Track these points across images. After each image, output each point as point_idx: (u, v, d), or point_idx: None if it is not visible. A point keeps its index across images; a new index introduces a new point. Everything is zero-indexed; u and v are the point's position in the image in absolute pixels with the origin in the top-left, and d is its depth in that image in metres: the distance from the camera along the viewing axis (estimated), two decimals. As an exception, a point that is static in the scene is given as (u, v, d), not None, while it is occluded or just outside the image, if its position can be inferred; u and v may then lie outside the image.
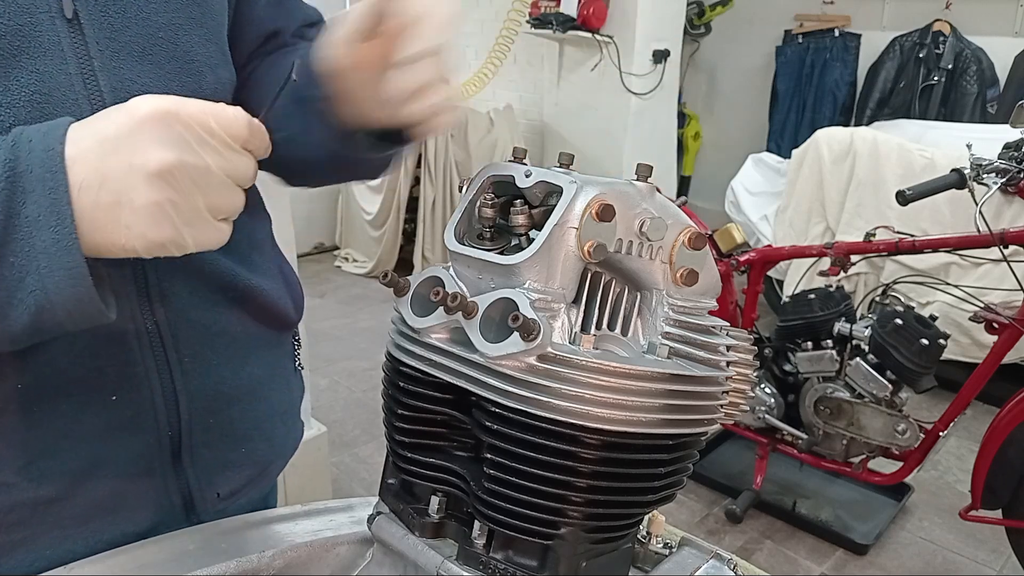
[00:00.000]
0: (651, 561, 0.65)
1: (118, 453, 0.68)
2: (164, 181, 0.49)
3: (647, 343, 0.55)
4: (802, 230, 3.68)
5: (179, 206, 0.49)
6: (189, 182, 0.49)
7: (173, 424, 0.71)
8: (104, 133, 0.50)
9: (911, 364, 2.20)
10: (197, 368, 0.71)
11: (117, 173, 0.49)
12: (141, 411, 0.68)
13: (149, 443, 0.70)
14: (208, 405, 0.73)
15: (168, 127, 0.49)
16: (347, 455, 2.90)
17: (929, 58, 4.55)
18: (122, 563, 0.64)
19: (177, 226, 0.50)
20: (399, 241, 4.60)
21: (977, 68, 4.40)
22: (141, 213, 0.49)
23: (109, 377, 0.66)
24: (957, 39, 4.47)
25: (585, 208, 0.50)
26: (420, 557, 0.57)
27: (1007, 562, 2.39)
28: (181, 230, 0.50)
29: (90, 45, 0.61)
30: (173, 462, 0.72)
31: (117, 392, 0.67)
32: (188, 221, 0.50)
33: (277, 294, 0.81)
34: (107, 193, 0.49)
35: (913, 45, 4.63)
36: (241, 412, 0.77)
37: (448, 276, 0.55)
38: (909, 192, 2.08)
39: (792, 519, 2.58)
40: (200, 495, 0.75)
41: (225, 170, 0.51)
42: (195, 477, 0.74)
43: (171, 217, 0.49)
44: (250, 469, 0.80)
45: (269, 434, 0.82)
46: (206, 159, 0.50)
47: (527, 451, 0.50)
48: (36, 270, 0.49)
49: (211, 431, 0.74)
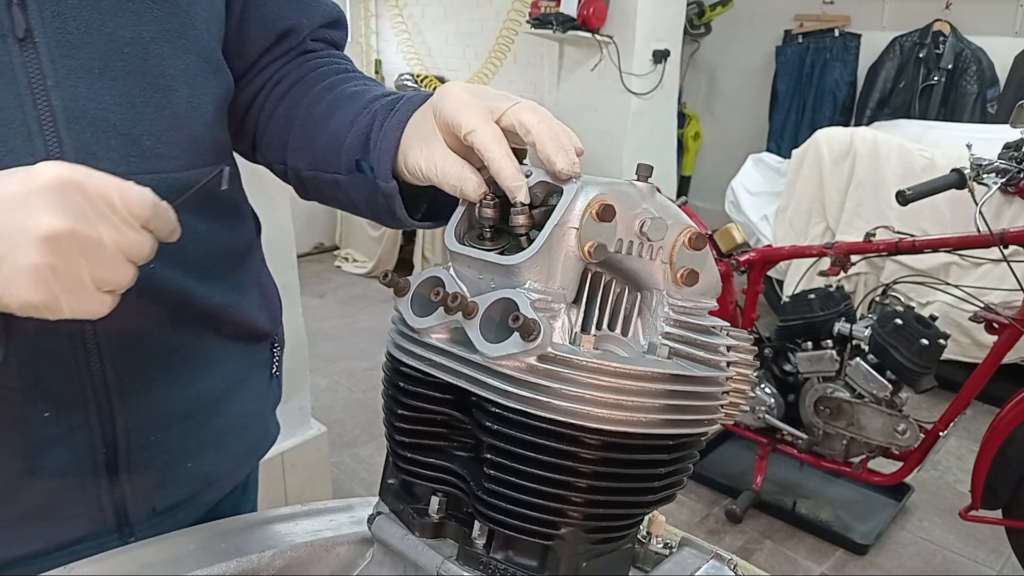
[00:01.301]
0: (651, 561, 0.65)
1: (50, 465, 0.68)
2: (51, 246, 0.49)
3: (647, 343, 0.55)
4: (802, 230, 3.68)
5: (61, 273, 0.50)
6: (76, 251, 0.50)
7: (108, 442, 0.70)
8: (4, 191, 0.50)
9: (911, 364, 2.20)
10: (139, 387, 0.71)
11: (7, 231, 0.49)
12: (74, 428, 0.68)
13: (82, 458, 0.69)
14: (149, 424, 0.72)
15: (67, 195, 0.49)
16: (347, 455, 2.90)
17: (929, 58, 4.55)
18: (122, 563, 0.64)
19: (54, 292, 0.50)
20: (399, 241, 4.60)
21: (977, 68, 4.40)
22: (22, 273, 0.49)
23: (45, 392, 0.66)
24: (957, 39, 4.47)
25: (585, 208, 0.50)
26: (420, 557, 0.57)
27: (1007, 562, 2.39)
28: (58, 296, 0.50)
29: (43, 64, 0.60)
30: (108, 476, 0.71)
31: (51, 409, 0.67)
32: (68, 288, 0.50)
33: (247, 307, 0.80)
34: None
35: (913, 45, 4.63)
36: (189, 429, 0.76)
37: (448, 276, 0.55)
38: (909, 192, 2.08)
39: (792, 519, 2.58)
40: (135, 509, 0.74)
41: (119, 245, 0.51)
42: (131, 492, 0.73)
43: (49, 282, 0.49)
44: (194, 485, 0.79)
45: (222, 448, 0.81)
46: (100, 232, 0.50)
47: (527, 451, 0.50)
48: None
49: (151, 448, 0.73)
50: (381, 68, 5.89)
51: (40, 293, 0.50)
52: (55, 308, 0.51)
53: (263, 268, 0.86)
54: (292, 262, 2.23)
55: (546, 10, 4.20)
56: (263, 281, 0.85)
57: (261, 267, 0.86)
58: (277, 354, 0.89)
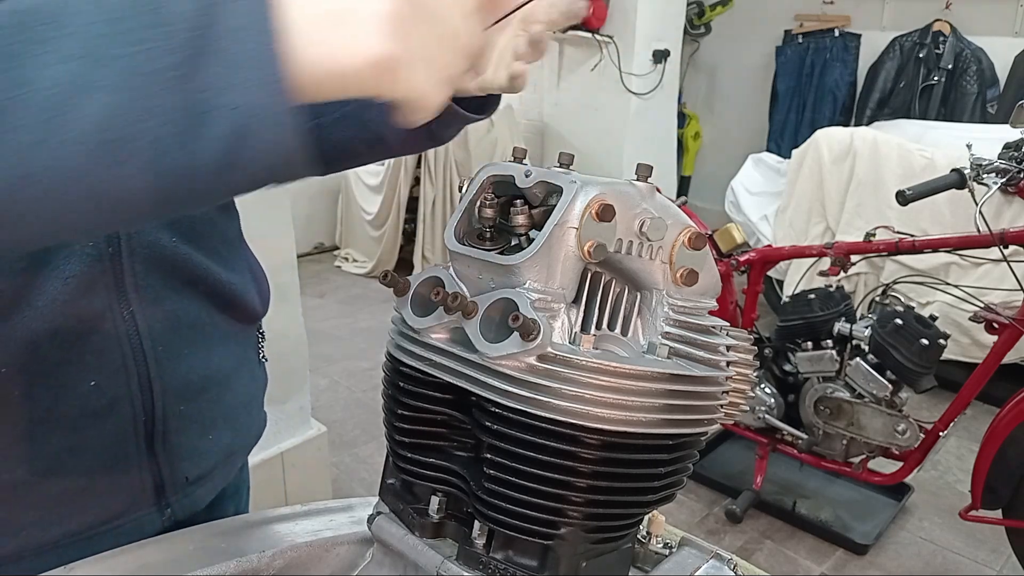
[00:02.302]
0: (651, 561, 0.65)
1: (94, 438, 0.69)
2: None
3: (647, 343, 0.55)
4: (802, 230, 3.68)
5: (418, 27, 0.43)
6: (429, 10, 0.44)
7: (147, 411, 0.71)
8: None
9: (911, 364, 2.20)
10: (170, 357, 0.72)
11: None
12: (117, 398, 0.69)
13: (124, 429, 0.70)
14: (179, 393, 0.74)
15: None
16: (347, 455, 2.90)
17: (929, 58, 4.55)
18: (122, 563, 0.64)
19: (411, 47, 0.43)
20: (399, 241, 4.60)
21: (977, 68, 4.41)
22: (375, 20, 0.42)
23: (88, 364, 0.67)
24: (957, 39, 4.47)
25: (585, 208, 0.50)
26: (420, 557, 0.57)
27: (1007, 562, 2.39)
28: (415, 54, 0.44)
29: None
30: (147, 447, 0.73)
31: (96, 378, 0.67)
32: (421, 53, 0.44)
33: (244, 288, 0.82)
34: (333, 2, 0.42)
35: (913, 45, 4.63)
36: (209, 401, 0.78)
37: (448, 276, 0.55)
38: (909, 192, 2.08)
39: (792, 519, 2.58)
40: (171, 479, 0.76)
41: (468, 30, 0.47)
42: (166, 463, 0.75)
43: (408, 33, 0.43)
44: (216, 456, 0.81)
45: (234, 423, 0.84)
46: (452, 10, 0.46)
47: (527, 451, 0.50)
48: (239, 84, 0.40)
49: (182, 418, 0.75)
50: (381, 68, 5.88)
51: (395, 42, 0.42)
52: (405, 71, 0.44)
53: (251, 255, 0.89)
54: (292, 262, 2.23)
55: (546, 10, 4.20)
56: (253, 265, 0.87)
57: (249, 253, 0.88)
58: (262, 341, 0.91)
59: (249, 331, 0.87)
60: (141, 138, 0.39)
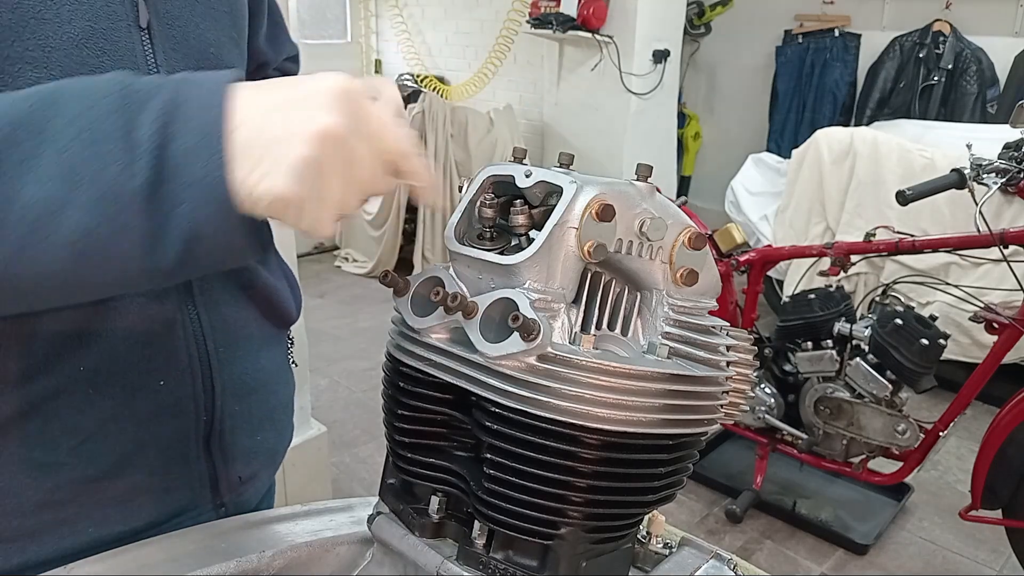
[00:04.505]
0: (651, 561, 0.65)
1: (160, 437, 0.71)
2: (324, 144, 0.47)
3: (647, 343, 0.55)
4: (802, 230, 3.68)
5: (322, 175, 0.48)
6: (340, 161, 0.48)
7: (208, 410, 0.74)
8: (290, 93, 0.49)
9: (911, 364, 2.20)
10: (228, 359, 0.76)
11: (285, 122, 0.47)
12: (183, 398, 0.72)
13: (187, 428, 0.73)
14: (235, 394, 0.77)
15: (350, 104, 0.48)
16: (347, 455, 2.90)
17: (929, 58, 4.55)
18: (122, 563, 0.64)
19: (308, 193, 0.48)
20: (399, 241, 4.60)
21: (977, 68, 4.40)
22: (286, 165, 0.47)
23: (158, 364, 0.70)
24: (957, 39, 4.46)
25: (585, 208, 0.50)
26: (420, 557, 0.57)
27: (1007, 562, 2.39)
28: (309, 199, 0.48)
29: (158, 53, 0.66)
30: (206, 445, 0.76)
31: (165, 378, 0.70)
32: (318, 195, 0.48)
33: (284, 293, 0.85)
34: (263, 138, 0.47)
35: (913, 45, 4.63)
36: (258, 402, 0.81)
37: (448, 276, 0.55)
38: (909, 192, 2.08)
39: (792, 519, 2.58)
40: (225, 478, 0.78)
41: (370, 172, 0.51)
42: (221, 461, 0.77)
43: (310, 181, 0.47)
44: (263, 456, 0.84)
45: (277, 424, 0.86)
46: (363, 151, 0.49)
47: (527, 451, 0.50)
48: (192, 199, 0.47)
49: (236, 418, 0.78)
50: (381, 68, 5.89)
51: (297, 188, 0.47)
52: (301, 210, 0.48)
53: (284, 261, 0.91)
54: (292, 262, 2.23)
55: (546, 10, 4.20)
56: (287, 271, 0.90)
57: (282, 259, 0.91)
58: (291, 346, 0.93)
59: (283, 336, 0.89)
60: (111, 250, 0.47)
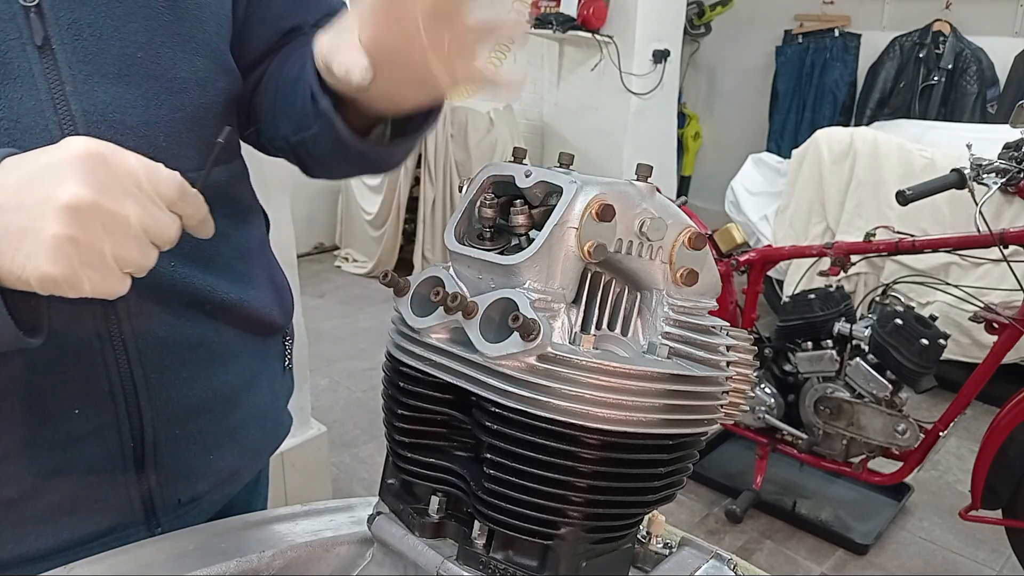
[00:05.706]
0: (651, 561, 0.64)
1: (79, 460, 0.69)
2: (73, 217, 0.48)
3: (647, 343, 0.55)
4: (802, 230, 3.68)
5: (82, 246, 0.48)
6: (99, 225, 0.49)
7: (136, 436, 0.71)
8: (33, 164, 0.49)
9: (911, 364, 2.20)
10: (164, 382, 0.72)
11: (32, 201, 0.48)
12: (103, 425, 0.69)
13: (111, 453, 0.70)
14: (174, 417, 0.74)
15: (93, 168, 0.49)
16: (347, 455, 2.90)
17: (929, 58, 4.55)
18: (122, 563, 0.64)
19: (74, 265, 0.48)
20: (399, 241, 4.60)
21: (977, 68, 4.40)
22: (43, 245, 0.48)
23: (72, 391, 0.67)
24: (957, 39, 4.46)
25: (585, 208, 0.50)
26: (420, 557, 0.57)
27: (1007, 562, 2.39)
28: (78, 270, 0.49)
29: (62, 70, 0.61)
30: (136, 469, 0.73)
31: (80, 406, 0.67)
32: (88, 263, 0.49)
33: (262, 302, 0.81)
34: (18, 219, 0.48)
35: (913, 45, 4.62)
36: (211, 421, 0.78)
37: (448, 276, 0.55)
38: (909, 192, 2.08)
39: (792, 519, 2.58)
40: (161, 501, 0.75)
41: (143, 224, 0.51)
42: (157, 484, 0.74)
43: (70, 255, 0.48)
44: (217, 476, 0.81)
45: (242, 439, 0.82)
46: (124, 208, 0.50)
47: (527, 451, 0.50)
48: None
49: (177, 441, 0.74)
50: (381, 68, 5.87)
51: (60, 266, 0.48)
52: (75, 283, 0.49)
53: (274, 263, 0.88)
54: (292, 262, 2.23)
55: (546, 10, 4.20)
56: (275, 276, 0.86)
57: (272, 262, 0.87)
58: (289, 347, 0.90)
59: (269, 342, 0.85)
60: None
